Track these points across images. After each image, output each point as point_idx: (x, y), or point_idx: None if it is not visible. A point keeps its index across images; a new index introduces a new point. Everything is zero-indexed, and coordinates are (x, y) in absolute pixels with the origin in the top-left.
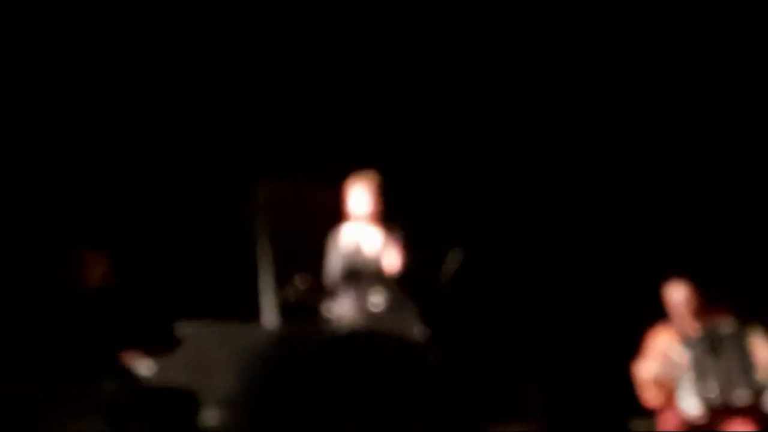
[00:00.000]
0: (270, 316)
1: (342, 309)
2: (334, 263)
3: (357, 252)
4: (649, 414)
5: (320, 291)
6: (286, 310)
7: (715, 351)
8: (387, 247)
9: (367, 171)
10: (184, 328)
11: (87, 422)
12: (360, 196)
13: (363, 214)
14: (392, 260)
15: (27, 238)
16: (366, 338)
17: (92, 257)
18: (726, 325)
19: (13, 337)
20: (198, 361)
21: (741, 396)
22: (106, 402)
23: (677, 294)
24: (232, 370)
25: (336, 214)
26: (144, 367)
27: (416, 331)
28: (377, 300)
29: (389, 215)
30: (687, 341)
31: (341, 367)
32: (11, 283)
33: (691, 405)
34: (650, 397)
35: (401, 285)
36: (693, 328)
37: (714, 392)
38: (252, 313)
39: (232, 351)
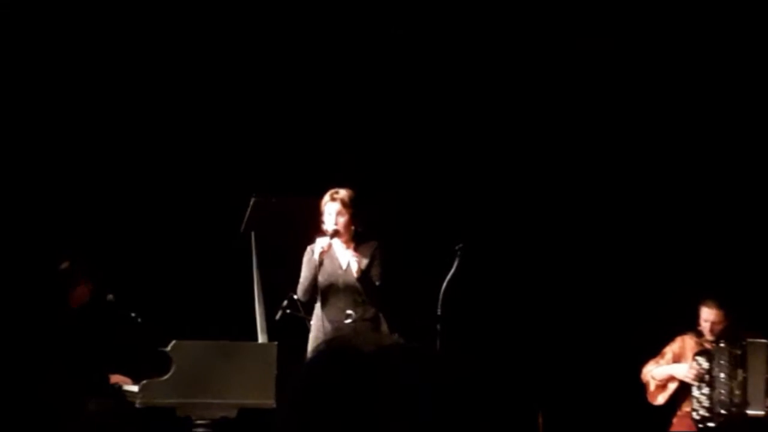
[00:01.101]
0: (264, 333)
1: (316, 323)
2: (307, 278)
3: (329, 267)
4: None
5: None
6: (279, 326)
7: (738, 365)
8: (360, 261)
9: (340, 188)
10: (178, 347)
11: None
12: (331, 213)
13: (334, 230)
14: (369, 274)
15: (19, 254)
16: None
17: (80, 273)
18: (756, 343)
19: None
20: (191, 379)
21: (756, 410)
22: (94, 420)
23: (708, 314)
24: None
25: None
26: (133, 386)
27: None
28: (350, 314)
29: (368, 229)
30: (709, 352)
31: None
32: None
33: (703, 412)
34: (657, 395)
35: (375, 298)
36: (720, 342)
37: (727, 403)
38: (246, 330)
39: (226, 369)
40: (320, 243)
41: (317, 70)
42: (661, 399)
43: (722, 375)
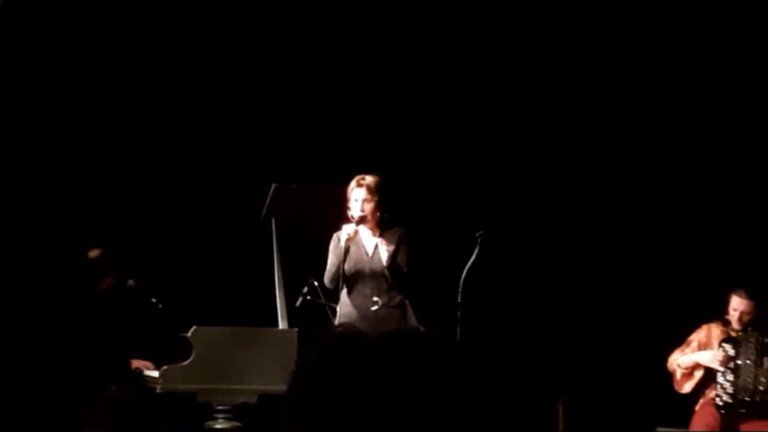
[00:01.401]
0: (284, 319)
1: (342, 310)
2: (334, 265)
3: (355, 254)
4: (675, 421)
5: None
6: (300, 312)
7: (765, 353)
8: (389, 248)
9: (366, 174)
10: (199, 333)
11: (96, 424)
12: (357, 199)
13: (361, 217)
14: (396, 261)
15: (40, 242)
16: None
17: (104, 262)
18: None
19: (24, 341)
20: (212, 365)
21: None
22: (115, 405)
23: (738, 304)
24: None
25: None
26: (155, 371)
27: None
28: (377, 301)
29: (393, 216)
30: (736, 339)
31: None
32: (23, 288)
33: (726, 398)
34: (684, 383)
35: (402, 285)
36: (748, 329)
37: (752, 390)
38: (266, 316)
39: (247, 355)
40: (346, 230)
41: (338, 57)
42: (687, 387)
43: (748, 362)
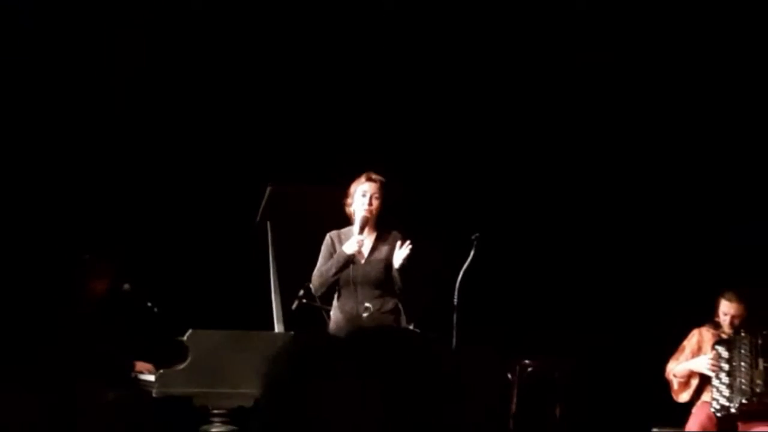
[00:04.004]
0: (280, 323)
1: (333, 316)
2: (330, 270)
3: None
4: (671, 421)
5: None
6: (296, 316)
7: (758, 354)
8: (386, 253)
9: (371, 173)
10: (195, 336)
11: (92, 430)
12: (367, 194)
13: (365, 220)
14: (396, 265)
15: (37, 247)
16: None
17: (99, 266)
18: None
19: (21, 345)
20: (208, 369)
21: None
22: (111, 410)
23: (728, 308)
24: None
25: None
26: (151, 375)
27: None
28: (368, 307)
29: (394, 219)
30: (729, 341)
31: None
32: (21, 292)
33: (723, 401)
34: (681, 392)
35: (396, 290)
36: (741, 331)
37: (748, 392)
38: (262, 320)
39: (243, 358)
40: (353, 243)
41: (334, 59)
42: (685, 396)
43: (743, 364)
